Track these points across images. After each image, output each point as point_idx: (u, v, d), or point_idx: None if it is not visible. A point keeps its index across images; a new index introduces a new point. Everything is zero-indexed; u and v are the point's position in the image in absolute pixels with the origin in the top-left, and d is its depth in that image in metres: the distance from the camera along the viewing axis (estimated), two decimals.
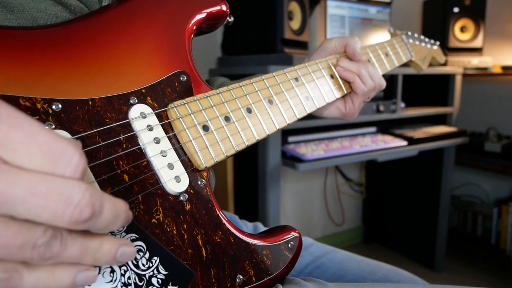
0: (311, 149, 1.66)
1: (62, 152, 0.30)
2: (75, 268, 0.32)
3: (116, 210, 0.32)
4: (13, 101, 0.40)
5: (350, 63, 0.78)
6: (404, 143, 1.88)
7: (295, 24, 1.70)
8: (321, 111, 0.83)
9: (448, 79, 2.16)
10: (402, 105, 2.04)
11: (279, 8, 1.57)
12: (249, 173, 1.70)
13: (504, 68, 2.25)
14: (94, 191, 0.30)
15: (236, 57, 1.77)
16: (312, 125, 1.74)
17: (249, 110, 0.60)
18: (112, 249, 0.34)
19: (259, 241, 0.55)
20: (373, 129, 2.05)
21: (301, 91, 0.69)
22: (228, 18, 0.64)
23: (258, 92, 0.62)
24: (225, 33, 1.84)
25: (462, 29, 2.25)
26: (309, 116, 0.84)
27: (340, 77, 0.78)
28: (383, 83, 0.83)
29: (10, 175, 0.28)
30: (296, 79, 0.69)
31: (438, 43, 1.14)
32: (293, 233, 0.59)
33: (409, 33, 1.03)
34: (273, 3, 1.57)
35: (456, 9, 2.21)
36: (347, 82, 0.79)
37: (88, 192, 0.29)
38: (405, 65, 1.06)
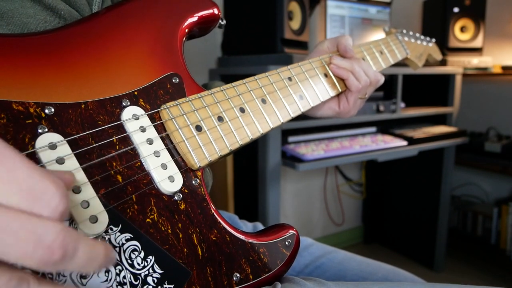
0: (311, 149, 1.66)
1: (42, 191, 0.29)
2: None
3: (92, 253, 0.31)
4: (6, 105, 0.40)
5: (343, 61, 0.78)
6: (404, 143, 1.88)
7: (295, 24, 1.70)
8: (314, 111, 0.83)
9: (448, 79, 2.16)
10: (402, 105, 2.04)
11: (279, 8, 1.57)
12: (249, 173, 1.70)
13: (504, 68, 2.25)
14: (70, 233, 0.29)
15: (236, 57, 1.77)
16: (312, 125, 1.74)
17: (242, 110, 0.60)
18: None
19: (255, 239, 0.56)
20: (373, 129, 2.05)
21: (295, 90, 0.69)
22: (220, 21, 0.64)
23: (251, 91, 0.62)
24: (225, 33, 1.84)
25: (462, 29, 2.25)
26: (309, 116, 0.85)
27: (334, 75, 0.78)
28: (380, 79, 0.82)
29: None
30: (290, 78, 0.70)
31: (434, 40, 1.14)
32: (290, 231, 0.59)
33: (404, 31, 1.03)
34: (273, 3, 1.57)
35: (456, 9, 2.21)
36: (342, 80, 0.79)
37: (62, 234, 0.29)
38: (405, 65, 1.07)
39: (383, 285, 0.63)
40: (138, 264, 0.45)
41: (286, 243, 0.58)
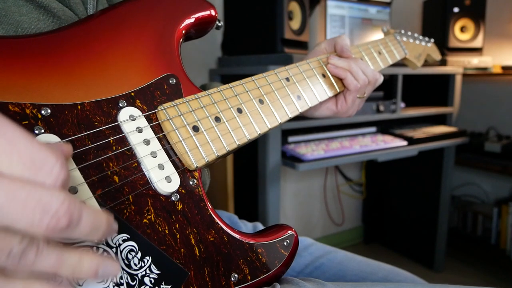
0: (311, 149, 1.66)
1: (43, 161, 0.30)
2: (53, 285, 0.32)
3: (95, 221, 0.32)
4: (2, 107, 0.40)
5: (340, 60, 0.78)
6: (404, 143, 1.88)
7: (295, 24, 1.70)
8: (312, 112, 0.83)
9: (448, 79, 2.16)
10: (402, 105, 2.04)
11: (279, 8, 1.57)
12: (249, 173, 1.70)
13: (504, 68, 2.25)
14: (73, 201, 0.30)
15: (236, 57, 1.77)
16: (312, 125, 1.74)
17: (239, 110, 0.60)
18: (92, 265, 0.33)
19: (253, 239, 0.56)
20: (373, 129, 2.05)
21: (292, 90, 0.69)
22: (217, 22, 0.64)
23: (248, 92, 0.62)
24: (225, 33, 1.84)
25: (462, 29, 2.25)
26: (307, 117, 0.85)
27: (332, 75, 0.78)
28: (379, 78, 0.82)
29: None
30: (287, 79, 0.70)
31: (432, 40, 1.13)
32: (289, 231, 0.59)
33: (403, 31, 1.03)
34: (273, 3, 1.57)
35: (456, 9, 2.20)
36: (340, 80, 0.79)
37: (67, 202, 0.30)
38: (405, 65, 1.06)
39: (382, 286, 0.62)
40: (135, 265, 0.45)
41: (285, 243, 0.58)
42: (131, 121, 0.50)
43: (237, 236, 0.54)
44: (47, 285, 0.32)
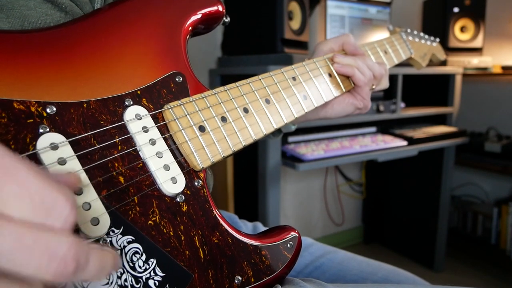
0: (311, 149, 1.65)
1: (53, 204, 0.30)
2: None
3: (102, 262, 0.32)
4: (7, 104, 0.40)
5: (346, 58, 0.78)
6: (404, 143, 1.88)
7: (295, 24, 1.70)
8: (335, 109, 0.83)
9: (448, 79, 2.16)
10: (402, 105, 2.04)
11: (279, 8, 1.57)
12: (249, 173, 1.70)
13: (504, 68, 2.25)
14: (81, 244, 0.30)
15: (236, 57, 1.76)
16: (312, 125, 1.74)
17: (245, 110, 0.59)
18: None
19: (257, 241, 0.55)
20: (373, 129, 2.05)
21: (299, 90, 0.69)
22: (224, 18, 0.64)
23: (255, 91, 0.62)
24: (225, 33, 1.84)
25: (462, 29, 2.25)
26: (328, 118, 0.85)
27: (339, 74, 0.78)
28: (383, 72, 0.83)
29: None
30: (294, 78, 0.69)
31: (438, 39, 1.13)
32: (292, 233, 0.58)
33: (409, 30, 1.02)
34: (273, 3, 1.57)
35: (456, 9, 2.20)
36: (346, 80, 0.79)
37: (74, 246, 0.29)
38: (405, 65, 1.06)
39: (383, 286, 0.62)
40: (140, 267, 0.44)
41: (288, 245, 0.57)
42: (137, 120, 0.49)
43: (241, 238, 0.54)
44: None
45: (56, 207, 0.30)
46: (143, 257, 0.45)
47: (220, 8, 0.62)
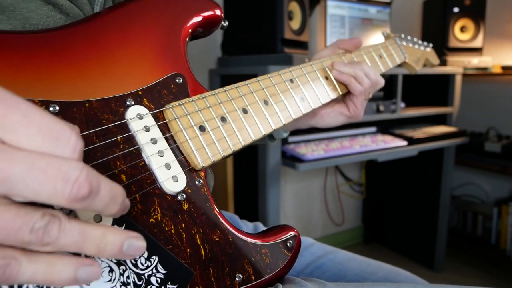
0: (311, 149, 1.66)
1: (60, 132, 0.30)
2: (77, 261, 0.32)
3: (113, 191, 0.32)
4: None
5: (345, 66, 0.79)
6: (404, 143, 1.88)
7: (295, 24, 1.70)
8: (326, 121, 0.85)
9: (448, 79, 2.16)
10: (402, 105, 2.04)
11: (279, 8, 1.57)
12: (249, 173, 1.70)
13: (504, 68, 2.25)
14: (92, 170, 0.31)
15: (236, 57, 1.77)
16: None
17: (245, 111, 0.60)
18: (117, 239, 0.33)
19: (257, 240, 0.55)
20: (373, 129, 2.06)
21: (296, 92, 0.70)
22: (222, 22, 0.64)
23: (253, 93, 0.62)
24: (225, 33, 1.84)
25: (462, 29, 2.25)
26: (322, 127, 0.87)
27: (336, 79, 0.79)
28: (380, 80, 0.84)
29: (9, 154, 0.28)
30: (291, 80, 0.70)
31: (431, 45, 1.15)
32: (291, 232, 0.59)
33: (402, 35, 1.04)
34: (273, 3, 1.57)
35: (456, 9, 2.21)
36: (343, 84, 0.80)
37: (85, 170, 0.30)
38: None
39: (383, 286, 0.63)
40: (142, 264, 0.45)
41: (288, 244, 0.58)
42: (138, 119, 0.50)
43: (241, 236, 0.54)
44: (73, 263, 0.32)
45: (63, 134, 0.30)
46: (145, 255, 0.45)
47: (218, 12, 0.63)
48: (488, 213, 2.44)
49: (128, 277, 0.43)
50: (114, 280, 0.42)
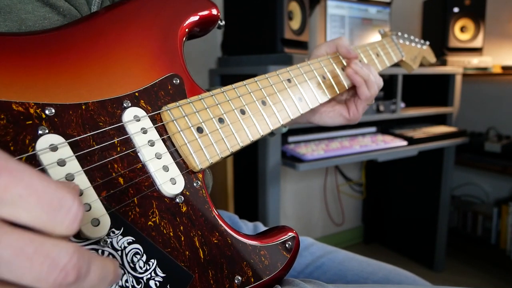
0: (311, 149, 1.66)
1: (61, 201, 0.30)
2: None
3: (103, 272, 0.31)
4: (5, 106, 0.40)
5: (362, 68, 0.79)
6: (404, 143, 1.88)
7: (295, 24, 1.70)
8: (324, 119, 0.84)
9: (448, 79, 2.16)
10: (402, 105, 2.04)
11: (279, 8, 1.57)
12: (249, 173, 1.70)
13: (504, 68, 2.25)
14: (83, 253, 0.30)
15: (236, 57, 1.77)
16: (312, 125, 1.74)
17: (242, 112, 0.60)
18: None
19: (256, 241, 0.55)
20: (373, 129, 2.05)
21: (294, 92, 0.69)
22: (219, 21, 0.64)
23: (251, 93, 0.62)
24: (225, 33, 1.84)
25: (462, 29, 2.25)
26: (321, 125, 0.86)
27: (333, 79, 0.78)
28: (381, 83, 0.84)
29: None
30: (289, 80, 0.69)
31: (428, 43, 1.14)
32: (290, 233, 0.58)
33: (399, 33, 1.04)
34: (273, 3, 1.57)
35: (456, 9, 2.20)
36: (341, 82, 0.80)
37: (76, 255, 0.29)
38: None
39: (383, 286, 0.62)
40: (140, 268, 0.44)
41: (286, 245, 0.57)
42: (135, 121, 0.49)
43: (240, 238, 0.54)
44: None
45: (65, 204, 0.30)
46: (144, 258, 0.45)
47: (215, 11, 0.62)
48: (488, 213, 2.43)
49: (126, 281, 0.43)
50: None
